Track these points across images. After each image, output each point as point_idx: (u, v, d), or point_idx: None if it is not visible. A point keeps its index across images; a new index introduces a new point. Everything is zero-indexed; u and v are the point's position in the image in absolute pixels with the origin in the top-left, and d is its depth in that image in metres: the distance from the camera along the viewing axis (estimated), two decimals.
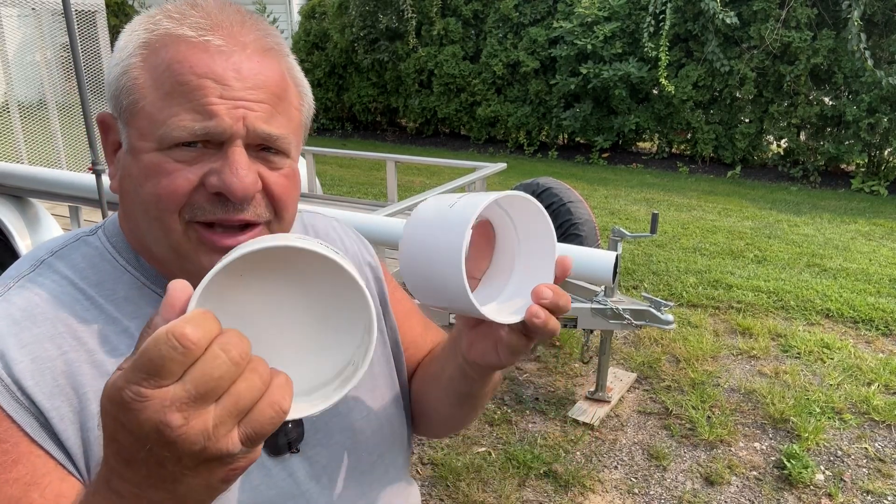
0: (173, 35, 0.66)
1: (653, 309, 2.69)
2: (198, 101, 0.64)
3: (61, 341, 0.66)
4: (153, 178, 0.66)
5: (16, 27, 4.67)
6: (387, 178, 4.53)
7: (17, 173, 3.16)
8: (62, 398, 0.64)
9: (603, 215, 5.81)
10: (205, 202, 0.66)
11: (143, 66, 0.66)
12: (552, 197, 3.49)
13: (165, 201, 0.66)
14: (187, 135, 0.64)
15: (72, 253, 0.73)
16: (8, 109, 4.58)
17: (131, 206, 0.70)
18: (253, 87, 0.66)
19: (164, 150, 0.65)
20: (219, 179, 0.65)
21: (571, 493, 2.42)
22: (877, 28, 6.63)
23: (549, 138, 8.84)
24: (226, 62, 0.65)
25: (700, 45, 7.40)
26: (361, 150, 6.66)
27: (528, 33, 8.21)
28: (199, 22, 0.66)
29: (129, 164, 0.68)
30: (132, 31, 0.69)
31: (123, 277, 0.72)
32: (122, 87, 0.67)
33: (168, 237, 0.68)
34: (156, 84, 0.65)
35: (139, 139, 0.66)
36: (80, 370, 0.66)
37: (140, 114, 0.66)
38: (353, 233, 0.96)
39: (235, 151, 0.66)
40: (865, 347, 3.47)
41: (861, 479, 2.49)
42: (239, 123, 0.65)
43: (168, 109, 0.64)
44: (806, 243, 5.09)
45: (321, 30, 9.74)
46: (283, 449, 0.75)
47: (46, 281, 0.70)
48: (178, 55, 0.65)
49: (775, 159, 7.65)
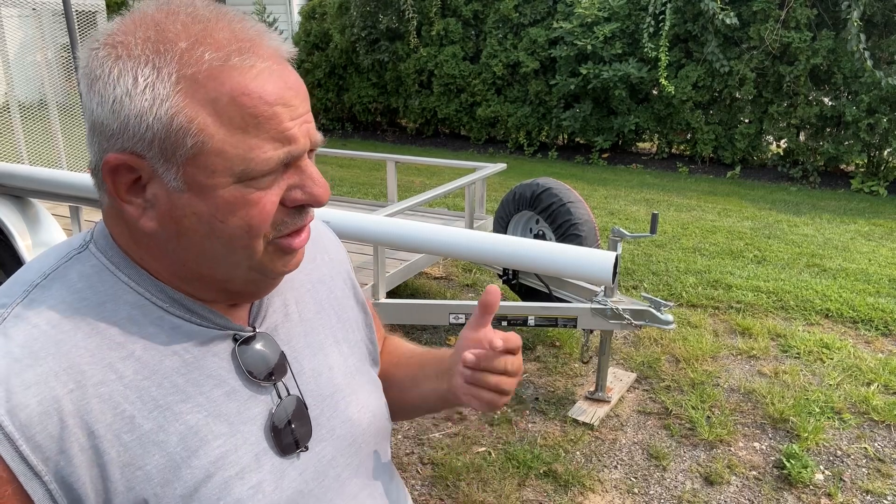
0: (222, 66, 0.64)
1: (652, 309, 2.69)
2: (276, 129, 0.65)
3: (66, 378, 0.64)
4: (239, 210, 0.66)
5: (16, 27, 4.67)
6: (387, 179, 4.53)
7: (17, 173, 3.17)
8: (71, 440, 0.63)
9: (603, 215, 5.81)
10: (286, 217, 0.70)
11: (194, 104, 0.63)
12: (552, 197, 3.49)
13: (257, 229, 0.67)
14: (276, 164, 0.66)
15: (67, 273, 0.70)
16: (8, 109, 4.59)
17: (197, 241, 0.67)
18: (303, 99, 0.68)
19: (244, 182, 0.65)
20: (304, 193, 0.69)
21: (571, 492, 2.43)
22: (876, 28, 6.63)
23: (549, 139, 8.85)
24: (280, 82, 0.66)
25: (700, 46, 7.40)
26: (361, 151, 6.67)
27: (527, 34, 8.21)
28: (240, 46, 0.65)
29: (190, 202, 0.65)
30: (154, 65, 0.63)
31: (125, 296, 0.70)
32: (177, 129, 0.63)
33: (251, 260, 0.69)
34: (221, 120, 0.63)
35: (209, 177, 0.64)
36: (88, 407, 0.64)
37: (209, 153, 0.64)
38: (328, 230, 0.98)
39: (308, 164, 0.70)
40: (865, 347, 3.48)
41: (860, 479, 2.49)
42: (307, 139, 0.68)
43: (245, 143, 0.64)
44: (805, 243, 5.10)
45: (321, 30, 9.74)
46: (292, 448, 0.76)
47: (43, 308, 0.67)
48: (241, 87, 0.63)
49: (775, 160, 7.66)
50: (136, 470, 0.65)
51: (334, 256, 0.95)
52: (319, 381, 0.82)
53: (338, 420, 0.82)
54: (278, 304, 0.82)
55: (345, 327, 0.90)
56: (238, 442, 0.71)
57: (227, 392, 0.72)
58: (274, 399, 0.76)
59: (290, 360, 0.79)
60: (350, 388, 0.85)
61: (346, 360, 0.87)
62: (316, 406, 0.80)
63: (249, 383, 0.74)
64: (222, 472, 0.69)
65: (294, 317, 0.83)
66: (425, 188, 6.37)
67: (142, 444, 0.66)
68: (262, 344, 0.77)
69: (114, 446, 0.65)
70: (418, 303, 3.06)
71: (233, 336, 0.75)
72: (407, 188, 6.66)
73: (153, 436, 0.67)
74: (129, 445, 0.65)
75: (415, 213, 4.38)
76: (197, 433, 0.69)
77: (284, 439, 0.75)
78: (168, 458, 0.67)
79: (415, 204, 3.43)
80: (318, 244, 0.93)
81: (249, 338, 0.76)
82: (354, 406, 0.84)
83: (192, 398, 0.70)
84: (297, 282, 0.86)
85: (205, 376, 0.71)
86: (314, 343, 0.84)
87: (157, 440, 0.67)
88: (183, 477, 0.67)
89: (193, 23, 0.65)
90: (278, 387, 0.77)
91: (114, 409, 0.65)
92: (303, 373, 0.80)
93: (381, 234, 2.79)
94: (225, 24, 0.66)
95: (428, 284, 4.32)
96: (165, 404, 0.68)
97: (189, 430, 0.69)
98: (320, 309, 0.87)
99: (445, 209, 4.98)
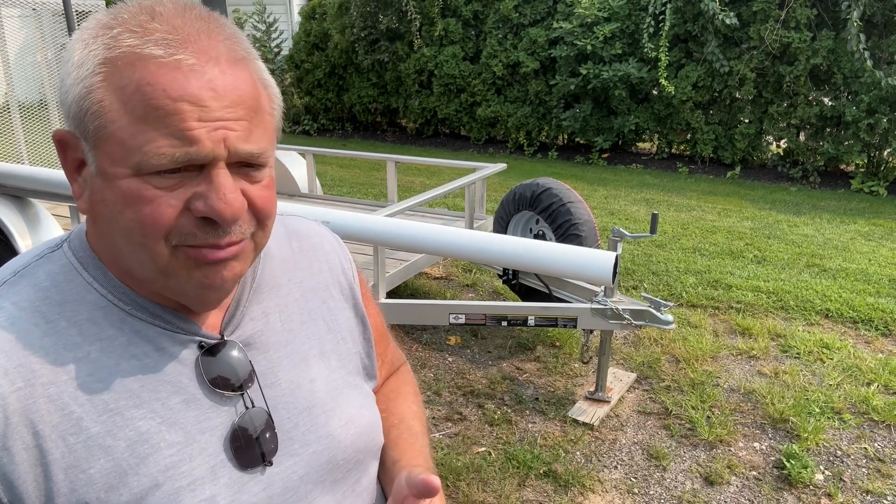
0: (138, 54, 0.62)
1: (652, 309, 2.69)
2: (176, 126, 0.61)
3: (15, 376, 0.64)
4: (133, 205, 0.63)
5: (17, 27, 4.67)
6: (387, 179, 4.53)
7: (17, 173, 3.17)
8: (15, 437, 0.63)
9: (603, 215, 5.81)
10: (192, 227, 0.65)
11: (107, 87, 0.62)
12: (552, 197, 3.49)
13: (150, 229, 0.64)
14: (168, 162, 0.62)
15: (35, 271, 0.70)
16: (9, 109, 4.59)
17: (108, 229, 0.67)
18: (230, 105, 0.64)
19: (141, 176, 0.63)
20: (205, 205, 0.64)
21: (571, 492, 2.43)
22: (876, 29, 6.63)
23: (549, 139, 8.85)
24: (200, 81, 0.62)
25: (700, 46, 7.40)
26: (362, 151, 6.66)
27: (527, 34, 8.21)
28: (166, 38, 0.62)
29: (101, 189, 0.65)
30: (87, 46, 0.64)
31: (88, 296, 0.69)
32: (86, 110, 0.63)
33: (155, 261, 0.66)
34: (125, 108, 0.61)
35: (111, 165, 0.63)
36: (34, 406, 0.64)
37: (110, 139, 0.62)
38: (333, 238, 0.94)
39: (220, 174, 0.64)
40: (865, 347, 3.48)
41: (860, 479, 2.49)
42: (220, 146, 0.63)
43: (143, 135, 0.61)
44: (805, 243, 5.10)
45: (321, 30, 9.74)
46: (257, 461, 0.73)
47: (6, 304, 0.67)
48: (148, 76, 0.61)
49: (775, 160, 7.66)
50: (80, 473, 0.65)
51: (335, 265, 0.91)
52: (297, 393, 0.78)
53: (314, 435, 0.78)
54: (257, 313, 0.79)
55: (335, 339, 0.86)
56: (193, 452, 0.69)
57: (185, 400, 0.70)
58: (239, 410, 0.73)
59: (265, 370, 0.77)
60: (334, 401, 0.81)
61: (333, 373, 0.84)
62: (289, 419, 0.77)
63: (211, 393, 0.72)
64: (172, 482, 0.67)
65: (275, 326, 0.80)
66: (425, 188, 6.37)
67: (87, 447, 0.65)
68: (232, 353, 0.74)
69: (58, 447, 0.64)
70: (418, 303, 3.06)
71: (199, 343, 0.73)
72: (407, 188, 6.66)
73: (100, 439, 0.66)
74: (74, 447, 0.65)
75: (415, 214, 4.38)
76: (148, 440, 0.67)
77: (250, 452, 0.72)
78: (114, 464, 0.66)
79: (415, 204, 3.44)
80: (317, 250, 0.90)
81: (218, 345, 0.74)
82: (336, 421, 0.80)
83: (146, 404, 0.68)
84: (284, 290, 0.83)
85: (162, 382, 0.70)
86: (295, 354, 0.80)
87: (104, 444, 0.66)
88: (129, 483, 0.66)
89: (144, 13, 0.64)
90: (245, 398, 0.74)
91: (61, 410, 0.65)
92: (278, 384, 0.77)
93: (381, 234, 2.79)
94: (173, 18, 0.64)
95: (428, 284, 4.32)
96: (116, 408, 0.67)
97: (139, 436, 0.67)
98: (308, 319, 0.84)
99: (445, 209, 4.98)
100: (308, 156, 4.84)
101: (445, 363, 3.35)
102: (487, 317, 2.84)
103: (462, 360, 3.37)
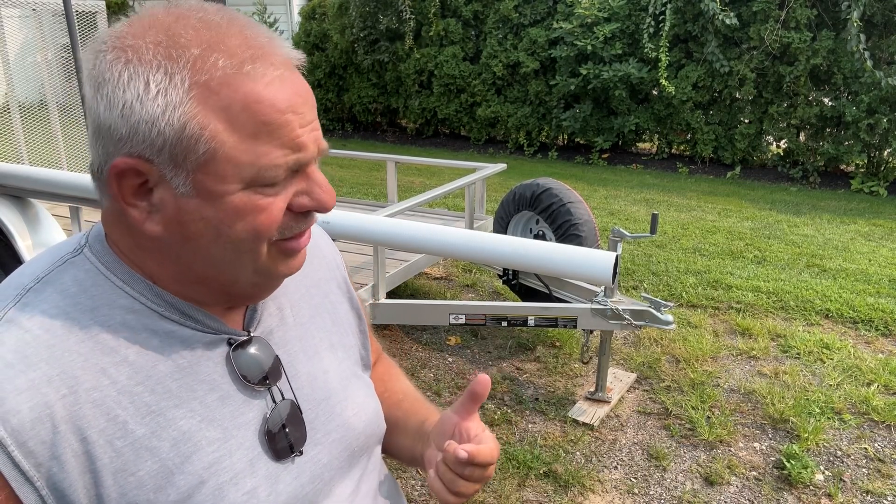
0: (232, 74, 0.63)
1: (652, 309, 2.69)
2: (287, 136, 0.65)
3: (59, 384, 0.64)
4: (247, 215, 0.66)
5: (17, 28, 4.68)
6: (387, 179, 4.53)
7: (17, 174, 3.17)
8: (64, 445, 0.63)
9: (603, 216, 5.81)
10: (291, 222, 0.70)
11: (207, 111, 0.63)
12: (552, 197, 3.49)
13: (263, 234, 0.68)
14: (283, 171, 0.66)
15: (61, 276, 0.70)
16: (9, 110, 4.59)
17: (205, 245, 0.67)
18: (311, 107, 0.69)
19: (252, 188, 0.66)
20: (311, 199, 0.70)
21: (571, 493, 2.43)
22: (876, 29, 6.63)
23: (549, 139, 8.85)
24: (292, 89, 0.66)
25: (700, 46, 7.40)
26: (361, 151, 6.67)
27: (527, 34, 8.21)
28: (252, 54, 0.65)
29: (198, 207, 0.65)
30: (166, 71, 0.62)
31: (119, 300, 0.70)
32: (189, 136, 0.63)
33: (255, 263, 0.70)
34: (233, 127, 0.63)
35: (219, 183, 0.64)
36: (80, 412, 0.64)
37: (220, 159, 0.64)
38: (323, 234, 0.98)
39: (315, 171, 0.70)
40: (865, 348, 3.48)
41: (861, 480, 2.49)
42: (315, 146, 0.68)
43: (256, 150, 0.64)
44: (805, 244, 5.10)
45: (321, 30, 9.74)
46: (287, 452, 0.75)
47: (36, 313, 0.67)
48: (252, 94, 0.63)
49: (775, 160, 7.66)
50: (129, 476, 0.65)
51: (330, 260, 0.95)
52: (315, 385, 0.81)
53: (333, 424, 0.82)
54: (273, 309, 0.82)
55: (339, 331, 0.90)
56: (232, 447, 0.71)
57: (220, 397, 0.72)
58: (268, 403, 0.76)
59: (285, 364, 0.79)
60: (345, 391, 0.85)
61: (341, 363, 0.87)
62: (311, 410, 0.80)
63: (243, 388, 0.74)
64: (216, 478, 0.69)
65: (289, 321, 0.83)
66: (425, 188, 6.37)
67: (134, 449, 0.66)
68: (257, 348, 0.76)
69: (106, 452, 0.65)
70: (418, 303, 3.06)
71: (227, 340, 0.75)
72: (407, 188, 6.66)
73: (146, 441, 0.67)
74: (122, 451, 0.65)
75: (415, 214, 4.38)
76: (190, 439, 0.69)
77: (279, 444, 0.75)
78: (161, 464, 0.67)
79: (415, 204, 3.43)
80: (314, 248, 0.93)
81: (244, 342, 0.76)
82: (350, 409, 0.84)
83: (185, 403, 0.70)
84: (291, 286, 0.86)
85: (198, 381, 0.71)
86: (309, 347, 0.83)
87: (150, 446, 0.67)
88: (176, 483, 0.67)
89: (205, 28, 0.64)
90: (272, 391, 0.77)
91: (106, 415, 0.65)
92: (298, 377, 0.80)
93: (381, 235, 2.79)
94: (237, 30, 0.66)
95: (428, 285, 4.32)
96: (158, 410, 0.68)
97: (182, 435, 0.69)
98: (315, 313, 0.87)
99: (445, 209, 4.98)
100: None
101: (445, 363, 3.35)
102: (487, 317, 2.84)
103: (462, 361, 3.37)
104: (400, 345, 3.53)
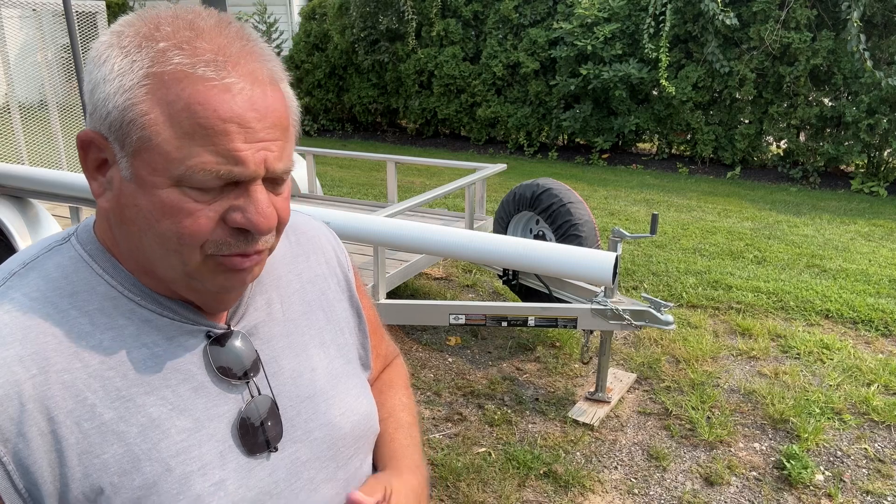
0: (188, 73, 0.64)
1: (652, 309, 2.69)
2: (223, 145, 0.64)
3: (30, 363, 0.66)
4: (173, 215, 0.66)
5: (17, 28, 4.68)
6: (387, 179, 4.53)
7: (17, 174, 3.17)
8: (30, 423, 0.65)
9: (603, 216, 5.81)
10: (227, 237, 0.68)
11: (153, 101, 0.64)
12: (552, 198, 3.49)
13: (188, 239, 0.67)
14: (213, 178, 0.65)
15: (45, 263, 0.72)
16: (9, 110, 4.59)
17: (136, 232, 0.69)
18: (270, 126, 0.67)
19: (181, 188, 0.66)
20: (244, 217, 0.67)
21: (571, 493, 2.43)
22: (876, 29, 6.63)
23: (549, 139, 8.85)
24: (247, 103, 0.65)
25: (700, 46, 7.40)
26: (362, 151, 6.67)
27: (528, 34, 8.21)
28: (216, 59, 0.65)
29: (134, 194, 0.67)
30: (128, 55, 0.65)
31: (98, 287, 0.72)
32: (129, 120, 0.65)
33: (185, 266, 0.69)
34: (171, 122, 0.64)
35: (150, 174, 0.66)
36: (49, 392, 0.66)
37: (153, 149, 0.65)
38: (329, 231, 0.98)
39: (257, 190, 0.68)
40: (865, 348, 3.48)
41: (861, 480, 2.49)
42: (261, 166, 0.67)
43: (188, 149, 0.64)
44: (806, 244, 5.10)
45: (321, 31, 9.74)
46: (262, 447, 0.76)
47: (17, 295, 0.69)
48: (198, 96, 0.64)
49: (775, 160, 7.66)
50: (94, 458, 0.67)
51: (331, 257, 0.94)
52: (299, 382, 0.81)
53: (316, 423, 0.81)
54: (261, 303, 0.82)
55: (334, 329, 0.90)
56: (202, 438, 0.72)
57: (194, 387, 0.73)
58: (245, 398, 0.76)
59: (269, 359, 0.79)
60: (334, 391, 0.85)
61: (332, 362, 0.87)
62: (293, 407, 0.80)
63: (219, 381, 0.75)
64: (183, 467, 0.70)
65: (277, 316, 0.83)
66: (425, 189, 6.38)
67: (101, 432, 0.67)
68: (238, 342, 0.77)
69: (73, 433, 0.66)
70: (418, 303, 3.06)
71: (206, 333, 0.75)
72: (407, 189, 6.66)
73: (113, 425, 0.68)
74: (88, 433, 0.67)
75: (415, 214, 4.38)
76: (159, 426, 0.70)
77: (254, 439, 0.75)
78: (127, 449, 0.68)
79: (415, 204, 3.43)
80: (314, 243, 0.93)
81: (225, 335, 0.76)
82: (336, 409, 0.84)
83: (156, 391, 0.71)
84: (284, 280, 0.86)
85: (172, 370, 0.72)
86: (297, 344, 0.83)
87: (117, 430, 0.68)
88: (142, 469, 0.68)
89: (187, 28, 0.66)
90: (251, 386, 0.77)
91: (75, 397, 0.67)
92: (281, 373, 0.80)
93: (382, 235, 2.79)
94: (215, 36, 0.67)
95: (428, 285, 4.32)
96: (129, 395, 0.69)
97: (151, 422, 0.69)
98: (308, 309, 0.87)
99: (445, 210, 4.98)
100: (308, 156, 4.85)
101: (445, 363, 3.35)
102: (487, 317, 2.84)
103: (462, 361, 3.37)
104: (400, 345, 3.53)
